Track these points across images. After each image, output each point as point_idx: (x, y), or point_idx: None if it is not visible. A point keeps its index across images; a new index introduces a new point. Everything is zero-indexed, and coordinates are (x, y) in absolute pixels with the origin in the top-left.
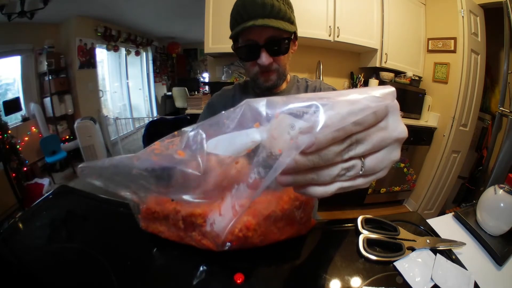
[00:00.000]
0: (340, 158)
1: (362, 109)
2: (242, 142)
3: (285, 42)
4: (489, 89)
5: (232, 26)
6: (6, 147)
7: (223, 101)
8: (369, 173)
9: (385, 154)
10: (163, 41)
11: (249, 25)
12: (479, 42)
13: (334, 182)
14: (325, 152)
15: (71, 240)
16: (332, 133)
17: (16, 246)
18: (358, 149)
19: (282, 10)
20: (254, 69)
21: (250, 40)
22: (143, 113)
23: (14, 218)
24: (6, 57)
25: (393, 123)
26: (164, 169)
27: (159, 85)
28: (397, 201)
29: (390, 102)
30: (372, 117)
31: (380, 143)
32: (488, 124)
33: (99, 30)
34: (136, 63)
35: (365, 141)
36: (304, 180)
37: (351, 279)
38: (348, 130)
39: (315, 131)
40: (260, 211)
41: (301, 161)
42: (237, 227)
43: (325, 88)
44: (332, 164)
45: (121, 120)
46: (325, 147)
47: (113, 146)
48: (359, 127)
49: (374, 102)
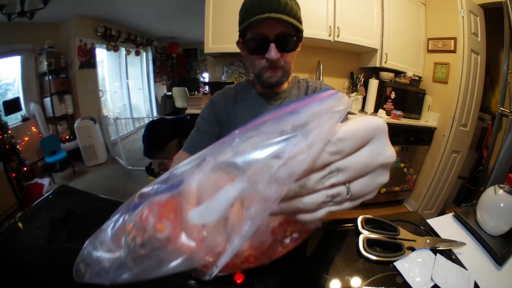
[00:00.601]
0: (322, 185)
1: (340, 138)
2: (223, 203)
3: (294, 40)
4: (489, 89)
5: (243, 19)
6: (6, 147)
7: (225, 100)
8: (356, 197)
9: (371, 179)
10: (163, 41)
11: (264, 17)
12: (479, 42)
13: (321, 208)
14: (304, 181)
15: (71, 240)
16: (309, 163)
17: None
18: (339, 177)
19: (294, 9)
20: (260, 63)
21: (260, 33)
22: (143, 113)
23: (14, 218)
24: (6, 57)
25: (378, 147)
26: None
27: (159, 85)
28: (397, 201)
29: (375, 125)
30: (351, 145)
31: (363, 169)
32: (488, 124)
33: (99, 30)
34: (136, 63)
35: (346, 169)
36: (290, 208)
37: (351, 279)
38: (325, 160)
39: (291, 162)
40: (258, 243)
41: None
42: (239, 261)
43: (326, 89)
44: (315, 191)
45: (121, 120)
46: (303, 177)
47: (113, 146)
48: (338, 156)
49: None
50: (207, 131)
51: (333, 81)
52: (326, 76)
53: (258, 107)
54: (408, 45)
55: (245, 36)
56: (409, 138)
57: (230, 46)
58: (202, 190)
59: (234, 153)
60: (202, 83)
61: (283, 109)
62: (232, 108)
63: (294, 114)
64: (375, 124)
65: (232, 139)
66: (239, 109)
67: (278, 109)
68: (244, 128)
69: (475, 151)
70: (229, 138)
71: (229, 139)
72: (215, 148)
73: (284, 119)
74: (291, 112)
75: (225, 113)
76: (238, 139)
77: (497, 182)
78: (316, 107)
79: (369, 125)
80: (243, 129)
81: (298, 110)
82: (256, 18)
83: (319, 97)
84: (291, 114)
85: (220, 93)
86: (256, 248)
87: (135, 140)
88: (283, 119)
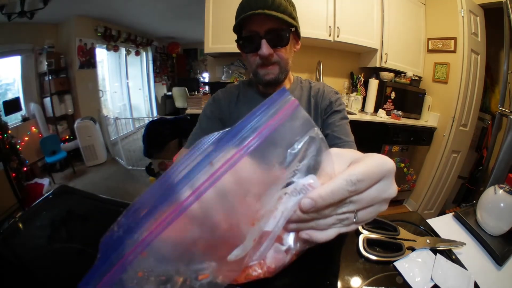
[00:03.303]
0: (335, 212)
1: (359, 180)
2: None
3: (285, 34)
4: (489, 89)
5: (236, 19)
6: (6, 147)
7: (228, 98)
8: (361, 221)
9: (375, 209)
10: (163, 41)
11: (249, 14)
12: (479, 42)
13: (330, 228)
14: (323, 211)
15: (71, 240)
16: (331, 199)
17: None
18: (350, 207)
19: (283, 5)
20: (255, 61)
21: (251, 31)
22: (143, 113)
23: (14, 218)
24: (6, 57)
25: (385, 185)
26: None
27: (159, 85)
28: (397, 201)
29: (387, 168)
30: (366, 185)
31: (371, 202)
32: (488, 124)
33: (99, 30)
34: (136, 63)
35: (357, 202)
36: (305, 226)
37: (351, 279)
38: (344, 196)
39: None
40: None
41: (302, 217)
42: (255, 275)
43: (329, 91)
44: (328, 216)
45: (121, 120)
46: (323, 209)
47: (113, 146)
48: (354, 193)
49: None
50: (210, 128)
51: (333, 81)
52: (326, 76)
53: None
54: (408, 45)
55: (240, 35)
56: (409, 138)
57: (230, 46)
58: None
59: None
60: (202, 83)
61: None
62: (234, 107)
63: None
64: (387, 167)
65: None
66: (241, 108)
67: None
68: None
69: (475, 151)
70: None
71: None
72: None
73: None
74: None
75: (227, 111)
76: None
77: (497, 182)
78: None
79: (382, 167)
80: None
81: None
82: (243, 16)
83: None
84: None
85: (223, 91)
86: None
87: (135, 140)
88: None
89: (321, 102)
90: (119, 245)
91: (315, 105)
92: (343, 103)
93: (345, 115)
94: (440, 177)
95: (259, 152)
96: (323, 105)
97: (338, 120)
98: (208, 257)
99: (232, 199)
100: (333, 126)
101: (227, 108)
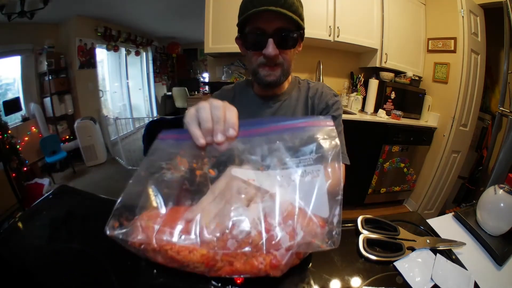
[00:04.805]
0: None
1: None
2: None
3: (294, 36)
4: (489, 89)
5: (242, 13)
6: (6, 147)
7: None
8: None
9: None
10: (163, 41)
11: (262, 9)
12: (479, 42)
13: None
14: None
15: (71, 240)
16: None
17: (16, 246)
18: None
19: (295, 4)
20: (257, 60)
21: (258, 28)
22: (143, 113)
23: (14, 218)
24: (6, 57)
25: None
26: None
27: (159, 85)
28: (397, 201)
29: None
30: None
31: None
32: (488, 124)
33: (99, 30)
34: (136, 63)
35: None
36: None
37: (351, 279)
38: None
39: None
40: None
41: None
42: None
43: (327, 93)
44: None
45: (121, 120)
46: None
47: (113, 146)
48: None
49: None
50: None
51: (333, 81)
52: (326, 76)
53: (257, 109)
54: (408, 45)
55: (243, 31)
56: (409, 138)
57: (230, 46)
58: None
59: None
60: (202, 83)
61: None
62: None
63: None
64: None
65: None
66: (237, 110)
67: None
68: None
69: (475, 151)
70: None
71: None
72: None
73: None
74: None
75: None
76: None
77: (497, 182)
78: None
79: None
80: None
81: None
82: (254, 10)
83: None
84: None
85: (217, 94)
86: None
87: (135, 140)
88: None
89: (318, 104)
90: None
91: (312, 106)
92: (341, 107)
93: (340, 122)
94: (440, 177)
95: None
96: (320, 107)
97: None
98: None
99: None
100: None
101: None
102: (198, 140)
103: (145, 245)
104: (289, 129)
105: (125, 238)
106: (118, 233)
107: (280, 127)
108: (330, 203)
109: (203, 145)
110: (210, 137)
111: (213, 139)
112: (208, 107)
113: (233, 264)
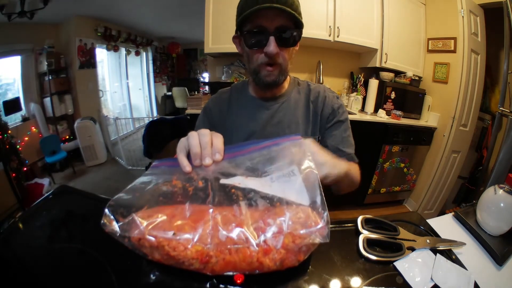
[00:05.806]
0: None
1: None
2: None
3: (294, 35)
4: (489, 89)
5: (242, 10)
6: (6, 147)
7: (218, 105)
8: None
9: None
10: (163, 41)
11: (266, 6)
12: (479, 42)
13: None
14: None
15: (71, 240)
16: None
17: (16, 246)
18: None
19: (295, 3)
20: (258, 59)
21: (259, 26)
22: (143, 113)
23: (14, 218)
24: (6, 57)
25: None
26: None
27: (159, 85)
28: (397, 201)
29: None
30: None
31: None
32: (488, 124)
33: (99, 30)
34: (136, 63)
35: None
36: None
37: (351, 279)
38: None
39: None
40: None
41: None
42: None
43: (330, 98)
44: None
45: (121, 120)
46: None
47: (113, 146)
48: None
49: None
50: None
51: (333, 81)
52: (326, 76)
53: (255, 110)
54: (408, 45)
55: (243, 29)
56: (409, 138)
57: (230, 46)
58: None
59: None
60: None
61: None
62: (227, 113)
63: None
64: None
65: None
66: (235, 112)
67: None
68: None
69: (475, 151)
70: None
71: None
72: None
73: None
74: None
75: (219, 119)
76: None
77: (497, 182)
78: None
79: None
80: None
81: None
82: (258, 7)
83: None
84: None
85: (213, 98)
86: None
87: (135, 140)
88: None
89: (323, 109)
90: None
91: (314, 111)
92: (346, 110)
93: (349, 125)
94: (440, 177)
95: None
96: (325, 112)
97: (343, 131)
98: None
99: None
100: (337, 138)
101: (219, 115)
102: (185, 168)
103: (142, 240)
104: (266, 147)
105: (122, 233)
106: (114, 228)
107: (259, 146)
108: (309, 193)
109: (189, 172)
110: (198, 160)
111: (201, 163)
112: (196, 135)
113: (226, 258)
